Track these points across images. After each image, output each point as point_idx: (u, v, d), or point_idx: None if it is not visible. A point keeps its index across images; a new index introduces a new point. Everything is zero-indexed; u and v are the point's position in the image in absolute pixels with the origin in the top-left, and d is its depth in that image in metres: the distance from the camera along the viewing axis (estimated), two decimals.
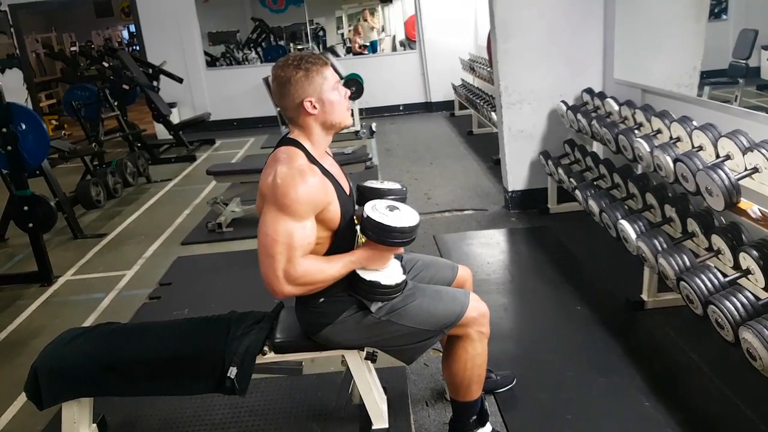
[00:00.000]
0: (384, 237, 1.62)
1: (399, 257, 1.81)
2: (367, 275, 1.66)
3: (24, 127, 3.59)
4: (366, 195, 1.79)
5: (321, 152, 1.70)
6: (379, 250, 1.66)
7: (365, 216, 1.63)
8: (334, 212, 1.64)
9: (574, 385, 2.20)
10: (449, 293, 1.81)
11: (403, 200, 1.77)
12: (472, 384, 1.80)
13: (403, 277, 1.71)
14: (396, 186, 1.84)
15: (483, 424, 1.86)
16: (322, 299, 1.71)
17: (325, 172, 1.65)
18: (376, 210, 1.64)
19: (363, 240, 1.72)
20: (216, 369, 1.79)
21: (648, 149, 2.60)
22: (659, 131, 2.77)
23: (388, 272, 1.70)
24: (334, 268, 1.63)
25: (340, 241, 1.68)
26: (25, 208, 3.63)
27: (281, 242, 1.55)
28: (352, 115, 7.28)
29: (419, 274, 1.94)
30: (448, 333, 1.78)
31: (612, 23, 3.62)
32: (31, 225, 3.63)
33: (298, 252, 1.57)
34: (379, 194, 1.79)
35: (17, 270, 3.89)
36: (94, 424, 2.07)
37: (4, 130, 3.44)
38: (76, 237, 4.40)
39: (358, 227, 1.73)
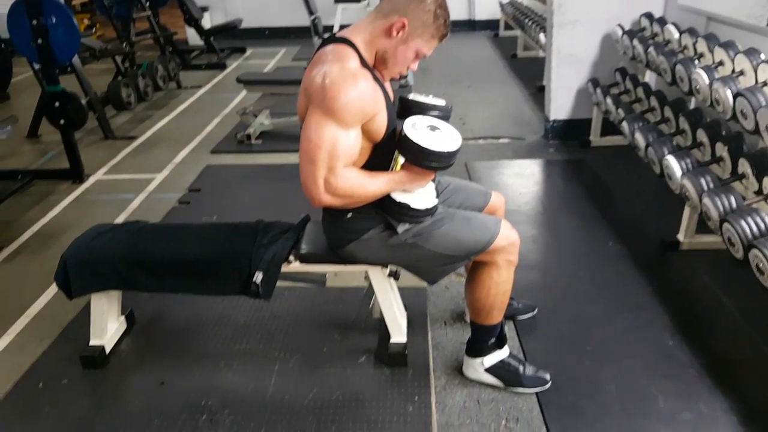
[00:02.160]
0: (420, 159, 1.54)
1: (433, 180, 1.75)
2: (398, 196, 1.60)
3: (54, 20, 3.51)
4: (408, 108, 1.68)
5: (370, 60, 1.58)
6: (417, 173, 1.59)
7: (404, 134, 1.54)
8: (381, 123, 1.55)
9: (597, 318, 2.17)
10: (479, 220, 1.75)
11: (446, 119, 1.67)
12: (493, 310, 1.78)
13: (435, 202, 1.65)
14: (441, 102, 1.72)
15: (501, 347, 1.86)
16: (350, 215, 1.67)
17: (376, 79, 1.55)
18: (415, 129, 1.55)
19: (399, 158, 1.65)
20: (242, 273, 1.81)
21: (707, 81, 2.43)
22: (721, 63, 2.58)
23: (421, 195, 1.64)
24: (375, 185, 1.57)
25: (379, 155, 1.61)
26: (57, 104, 3.63)
27: (324, 149, 1.47)
28: None
29: (450, 198, 1.89)
30: (474, 259, 1.74)
31: None
32: (62, 122, 3.64)
33: (341, 162, 1.50)
34: (422, 109, 1.67)
35: (50, 166, 3.94)
36: (122, 317, 2.15)
37: (35, 22, 3.38)
38: (107, 138, 4.43)
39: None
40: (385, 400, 1.82)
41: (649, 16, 3.44)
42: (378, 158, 1.62)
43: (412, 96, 1.72)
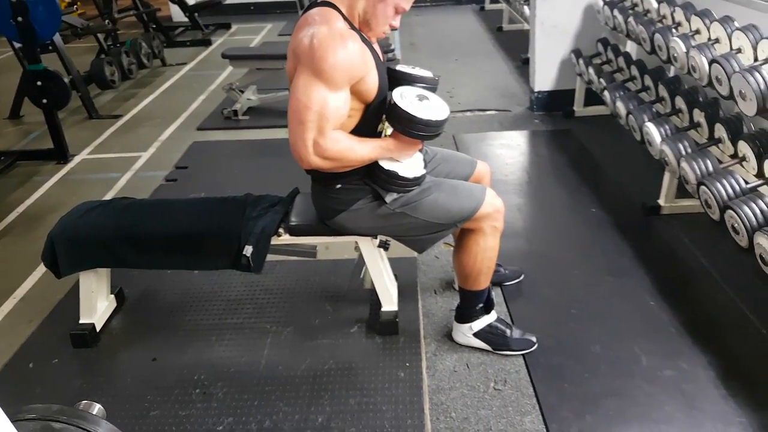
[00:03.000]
0: (409, 128, 1.57)
1: (421, 151, 1.78)
2: (386, 164, 1.63)
3: None
4: (396, 79, 1.70)
5: (355, 22, 1.59)
6: (405, 142, 1.62)
7: (392, 103, 1.56)
8: (371, 83, 1.56)
9: (581, 282, 2.24)
10: (465, 188, 1.79)
11: (433, 90, 1.69)
12: (480, 275, 1.83)
13: (423, 171, 1.68)
14: (428, 74, 1.74)
15: (488, 312, 1.91)
16: (339, 185, 1.70)
17: (364, 40, 1.56)
18: (404, 98, 1.57)
19: (384, 126, 1.67)
20: (232, 247, 1.83)
21: (684, 49, 2.46)
22: (698, 31, 2.61)
23: (409, 164, 1.67)
24: (364, 149, 1.59)
25: (368, 118, 1.63)
26: (39, 83, 3.59)
27: (313, 110, 1.48)
28: None
29: (437, 167, 1.92)
30: (461, 226, 1.78)
31: None
32: (45, 101, 3.60)
33: (330, 123, 1.51)
34: (410, 80, 1.69)
35: (33, 147, 3.90)
36: (112, 295, 2.17)
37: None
38: (91, 117, 4.39)
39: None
40: (377, 368, 1.86)
41: None
42: (367, 122, 1.64)
43: (399, 67, 1.74)
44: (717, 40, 2.43)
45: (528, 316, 2.07)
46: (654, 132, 2.45)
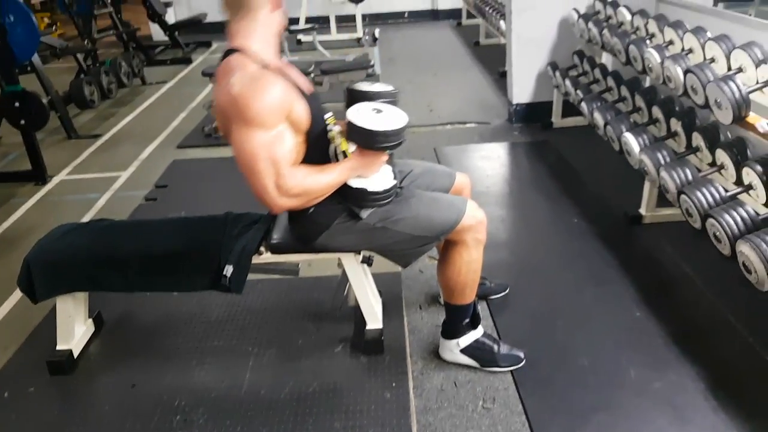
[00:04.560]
0: (369, 141, 1.57)
1: (389, 163, 1.77)
2: (355, 183, 1.63)
3: (12, 18, 3.44)
4: (356, 98, 1.71)
5: (273, 56, 1.59)
6: (369, 156, 1.61)
7: (348, 121, 1.57)
8: (300, 111, 1.55)
9: (566, 294, 2.23)
10: (446, 200, 1.79)
11: (393, 102, 1.70)
12: (465, 288, 1.82)
13: (393, 183, 1.67)
14: (386, 88, 1.75)
15: (475, 327, 1.90)
16: (311, 210, 1.68)
17: (280, 73, 1.55)
18: (359, 114, 1.58)
19: (345, 146, 1.67)
20: (212, 266, 1.80)
21: (659, 60, 2.50)
22: (671, 42, 2.66)
23: (377, 178, 1.66)
24: (329, 176, 1.59)
25: (314, 144, 1.62)
26: (16, 104, 3.54)
27: (262, 157, 1.48)
28: (354, 20, 7.00)
29: (416, 180, 1.91)
30: (444, 239, 1.77)
31: None
32: (23, 122, 3.56)
33: (284, 162, 1.51)
34: (369, 97, 1.71)
35: (11, 168, 3.84)
36: (90, 319, 2.12)
37: None
38: (70, 137, 4.34)
39: (330, 131, 1.67)
40: (363, 389, 1.83)
41: None
42: (314, 150, 1.63)
43: (357, 86, 1.74)
44: (690, 51, 2.47)
45: (514, 329, 2.05)
46: (632, 142, 2.48)
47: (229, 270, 1.77)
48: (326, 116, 1.68)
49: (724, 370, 1.82)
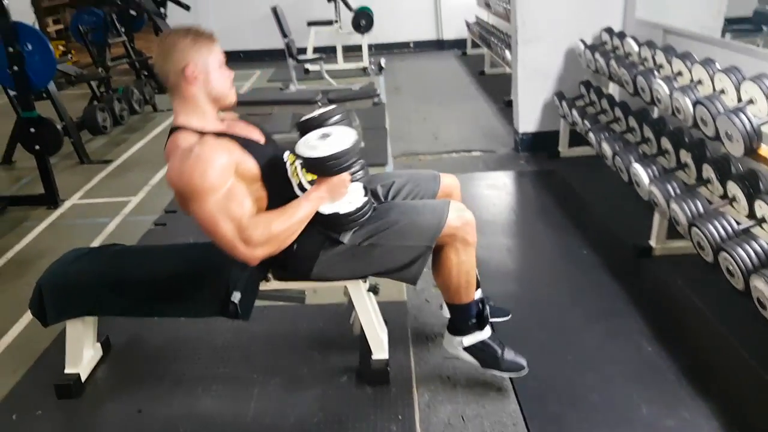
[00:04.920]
0: (322, 169, 1.58)
1: (366, 179, 1.78)
2: (325, 209, 1.63)
3: (30, 47, 3.51)
4: (305, 128, 1.72)
5: (212, 122, 1.65)
6: (330, 182, 1.62)
7: (296, 154, 1.60)
8: (247, 164, 1.60)
9: (575, 326, 2.21)
10: (428, 205, 1.77)
11: (343, 121, 1.71)
12: (460, 289, 1.79)
13: (364, 200, 1.67)
14: (330, 107, 1.77)
15: (481, 328, 1.85)
16: (294, 246, 1.68)
17: (219, 135, 1.60)
18: (306, 145, 1.60)
19: (311, 176, 1.70)
20: (219, 293, 1.79)
21: (667, 91, 2.51)
22: (680, 73, 2.67)
23: (347, 200, 1.66)
24: (296, 213, 1.60)
25: (278, 187, 1.65)
26: (32, 130, 3.59)
27: (221, 220, 1.53)
28: (360, 50, 7.11)
29: (400, 191, 1.90)
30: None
31: None
32: (37, 147, 3.61)
33: (243, 216, 1.54)
34: (318, 123, 1.72)
35: (24, 192, 3.89)
36: (98, 343, 2.12)
37: (11, 49, 3.37)
38: (83, 162, 4.39)
39: (289, 166, 1.71)
40: (368, 421, 1.79)
41: (609, 30, 3.55)
42: (276, 191, 1.65)
43: (304, 117, 1.76)
44: (700, 82, 2.49)
45: None
46: (641, 173, 2.47)
47: (236, 296, 1.77)
48: (285, 155, 1.73)
49: (738, 408, 1.78)
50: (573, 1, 3.64)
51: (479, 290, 1.95)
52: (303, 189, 1.70)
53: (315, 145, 1.58)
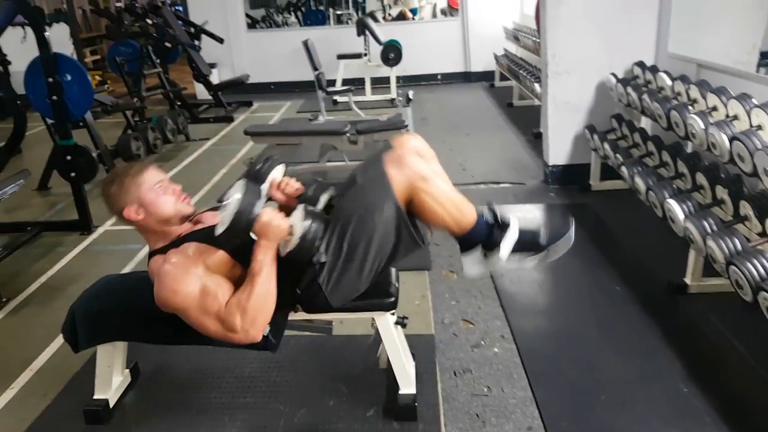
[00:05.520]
0: (241, 231, 1.57)
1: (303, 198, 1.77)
2: (283, 251, 1.63)
3: (69, 77, 3.63)
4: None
5: (171, 237, 1.75)
6: (259, 233, 1.61)
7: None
8: (215, 255, 1.66)
9: (609, 366, 2.15)
10: (367, 178, 1.67)
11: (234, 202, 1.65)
12: (458, 215, 1.66)
13: (307, 222, 1.60)
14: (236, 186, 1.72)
15: (505, 228, 1.70)
16: (298, 291, 1.70)
17: (180, 241, 1.70)
18: (219, 228, 1.60)
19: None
20: None
21: (702, 126, 2.48)
22: (715, 108, 2.64)
23: (295, 228, 1.62)
24: (256, 279, 1.59)
25: (242, 259, 1.66)
26: (68, 157, 3.69)
27: (206, 320, 1.59)
28: (389, 82, 7.21)
29: (346, 189, 1.75)
30: (404, 205, 1.65)
31: None
32: (73, 174, 3.70)
33: (221, 309, 1.59)
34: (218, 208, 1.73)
35: (59, 218, 3.98)
36: (127, 370, 2.14)
37: (51, 79, 3.49)
38: None
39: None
40: None
41: (641, 64, 3.54)
42: (245, 259, 1.66)
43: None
44: (735, 117, 2.45)
45: (555, 401, 1.97)
46: (676, 209, 2.43)
47: (267, 329, 1.76)
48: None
49: None
50: (604, 35, 3.65)
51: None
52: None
53: (219, 221, 1.60)
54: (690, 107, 2.77)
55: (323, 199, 1.79)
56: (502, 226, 1.71)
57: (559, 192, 3.92)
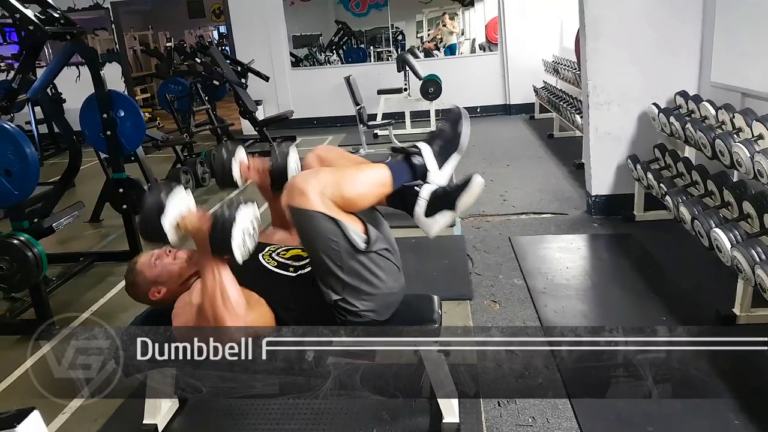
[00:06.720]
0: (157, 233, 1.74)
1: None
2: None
3: (123, 113, 3.81)
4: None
5: (183, 276, 1.94)
6: (186, 228, 1.75)
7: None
8: None
9: (656, 396, 2.09)
10: (295, 222, 1.77)
11: None
12: (374, 191, 1.78)
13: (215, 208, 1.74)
14: None
15: (416, 177, 1.82)
16: (341, 317, 1.79)
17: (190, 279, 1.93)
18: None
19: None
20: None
21: (748, 154, 2.44)
22: (761, 136, 2.60)
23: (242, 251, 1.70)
24: (208, 279, 1.70)
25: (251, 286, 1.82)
26: (120, 190, 3.87)
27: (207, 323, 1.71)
28: (428, 115, 7.31)
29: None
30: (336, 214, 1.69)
31: (711, 21, 3.42)
32: (125, 206, 3.86)
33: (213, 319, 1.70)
34: None
35: (110, 249, 4.15)
36: (175, 396, 2.18)
37: (105, 115, 3.67)
38: None
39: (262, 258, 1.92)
40: None
41: (683, 94, 3.51)
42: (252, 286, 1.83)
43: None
44: None
45: None
46: (723, 238, 2.38)
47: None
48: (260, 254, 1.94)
49: None
50: (644, 66, 3.65)
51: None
52: (283, 267, 1.90)
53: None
54: (735, 135, 2.73)
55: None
56: (414, 153, 1.81)
57: (602, 222, 3.88)
